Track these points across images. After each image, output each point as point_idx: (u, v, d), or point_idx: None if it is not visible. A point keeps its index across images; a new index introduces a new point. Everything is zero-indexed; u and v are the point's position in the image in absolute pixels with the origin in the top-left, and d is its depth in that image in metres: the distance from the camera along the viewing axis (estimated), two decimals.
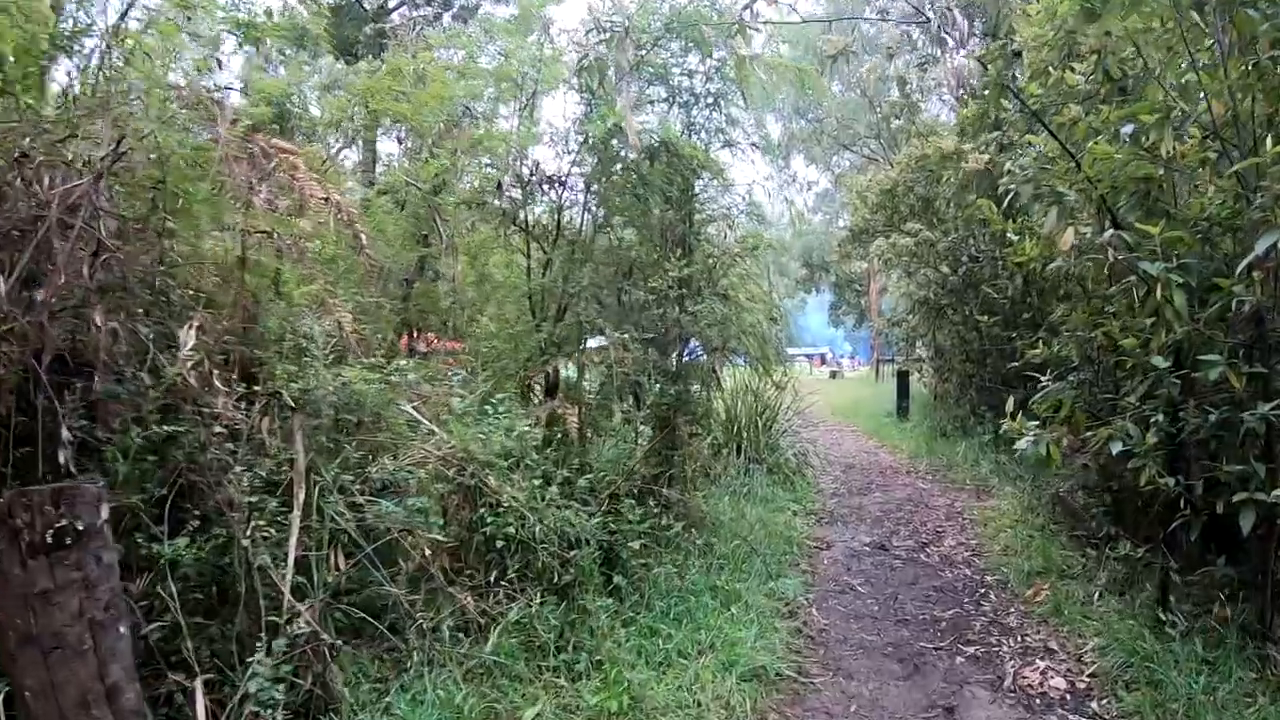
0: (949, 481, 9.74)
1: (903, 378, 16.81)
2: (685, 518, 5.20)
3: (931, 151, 10.87)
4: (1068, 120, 5.04)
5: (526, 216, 6.44)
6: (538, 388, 6.10)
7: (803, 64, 8.00)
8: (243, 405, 3.93)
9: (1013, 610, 5.37)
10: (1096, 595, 5.23)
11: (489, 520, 4.12)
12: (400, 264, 7.06)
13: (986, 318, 8.39)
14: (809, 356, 46.79)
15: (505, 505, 4.13)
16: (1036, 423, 4.39)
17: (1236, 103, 4.17)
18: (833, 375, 39.24)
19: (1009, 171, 6.63)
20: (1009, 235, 6.62)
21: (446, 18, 19.76)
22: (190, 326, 3.80)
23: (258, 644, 3.38)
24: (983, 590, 5.79)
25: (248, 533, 3.63)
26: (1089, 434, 4.37)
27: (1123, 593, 5.16)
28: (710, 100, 6.63)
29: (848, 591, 5.79)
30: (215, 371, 3.91)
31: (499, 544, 4.12)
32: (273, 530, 3.67)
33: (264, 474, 3.80)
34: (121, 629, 2.87)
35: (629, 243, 6.31)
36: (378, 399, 4.37)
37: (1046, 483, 7.63)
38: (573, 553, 4.17)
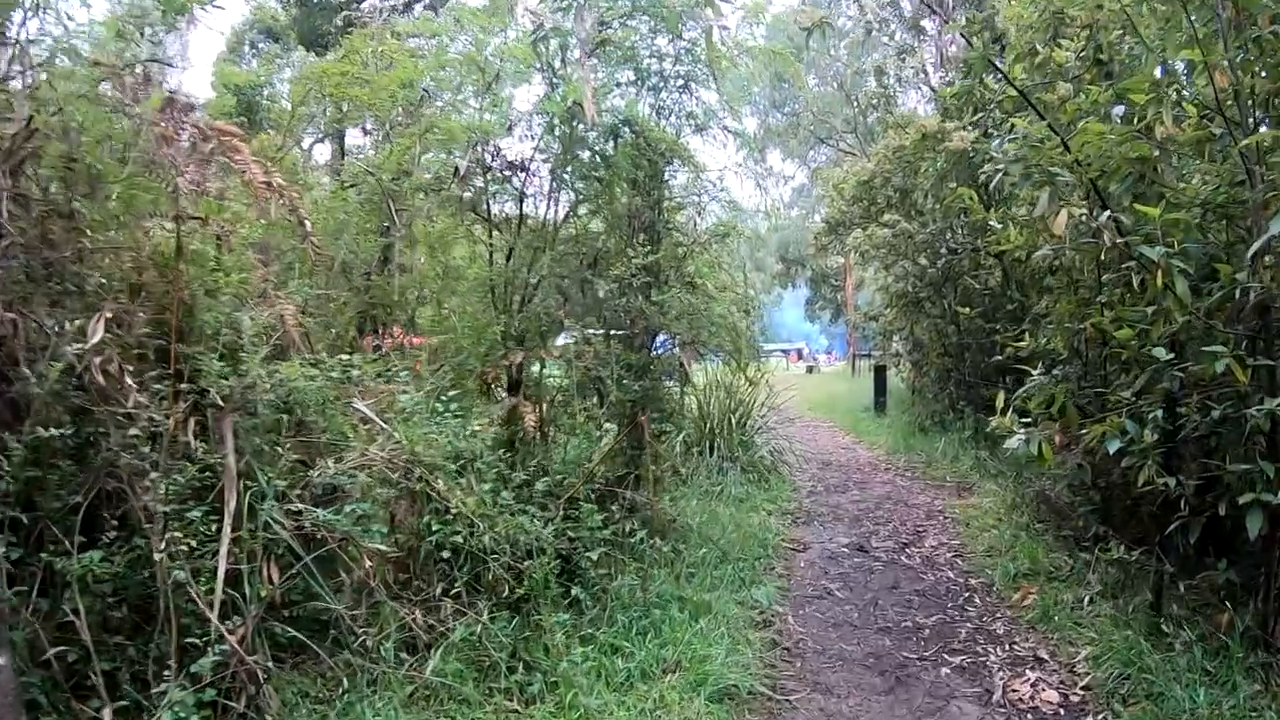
0: (929, 478, 9.48)
1: (880, 372, 16.62)
2: (652, 522, 4.86)
3: (913, 133, 10.58)
4: (1056, 99, 4.77)
5: (488, 204, 6.09)
6: (501, 384, 5.77)
7: (776, 45, 7.69)
8: (164, 405, 3.59)
9: (999, 616, 5.09)
10: (1087, 600, 4.96)
11: (435, 529, 3.77)
12: (364, 255, 6.73)
13: (969, 309, 8.14)
14: (785, 351, 46.92)
15: (453, 512, 3.78)
16: (1027, 419, 4.09)
17: (1240, 78, 3.89)
18: (809, 370, 39.33)
19: (992, 157, 6.38)
20: (991, 224, 6.36)
21: (418, 7, 19.32)
22: (99, 318, 3.43)
23: (183, 666, 3.11)
24: (967, 594, 5.52)
25: (162, 545, 3.28)
26: (1082, 431, 4.08)
27: (1115, 596, 4.90)
28: (680, 83, 6.31)
29: (825, 597, 5.50)
30: (130, 368, 3.55)
31: (445, 555, 3.77)
32: (193, 542, 3.32)
33: (184, 480, 3.45)
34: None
35: (596, 231, 5.98)
36: (318, 397, 4.01)
37: (1029, 480, 7.39)
38: (527, 563, 3.83)
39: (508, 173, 5.96)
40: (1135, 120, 4.22)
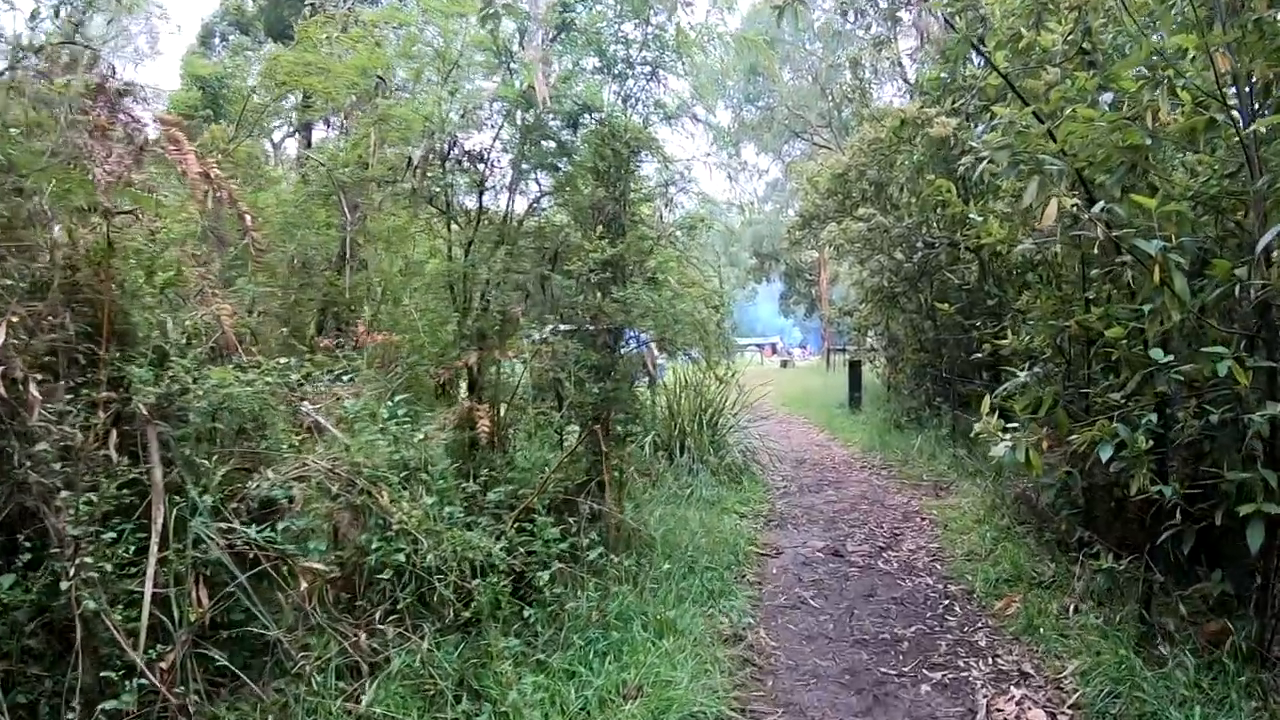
0: (905, 477, 9.27)
1: (854, 368, 16.43)
2: (612, 533, 4.57)
3: (892, 120, 10.34)
4: (1043, 86, 4.51)
5: (447, 197, 5.76)
6: (455, 387, 5.45)
7: (748, 34, 7.42)
8: (84, 415, 3.27)
9: (981, 626, 4.86)
10: (1072, 608, 4.75)
11: (374, 545, 3.46)
12: (325, 252, 6.41)
13: (948, 305, 7.91)
14: (760, 346, 47.10)
15: (396, 526, 3.47)
16: (1015, 424, 3.83)
17: (1240, 63, 3.66)
18: (783, 365, 39.45)
19: (971, 147, 6.14)
20: (971, 217, 6.14)
21: None
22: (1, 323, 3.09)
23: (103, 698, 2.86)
24: (947, 602, 5.28)
25: (72, 570, 2.98)
26: (1071, 436, 3.83)
27: (1101, 604, 4.68)
28: (648, 71, 6.01)
29: (799, 606, 5.24)
30: (39, 376, 3.21)
31: (388, 573, 3.46)
32: (108, 566, 3.01)
33: (101, 498, 3.12)
34: None
35: (560, 225, 5.67)
36: (254, 403, 3.70)
37: (1009, 480, 7.19)
38: (476, 582, 3.52)
39: (466, 164, 5.63)
40: (1125, 107, 3.98)
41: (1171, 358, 3.39)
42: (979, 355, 6.62)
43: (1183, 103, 4.07)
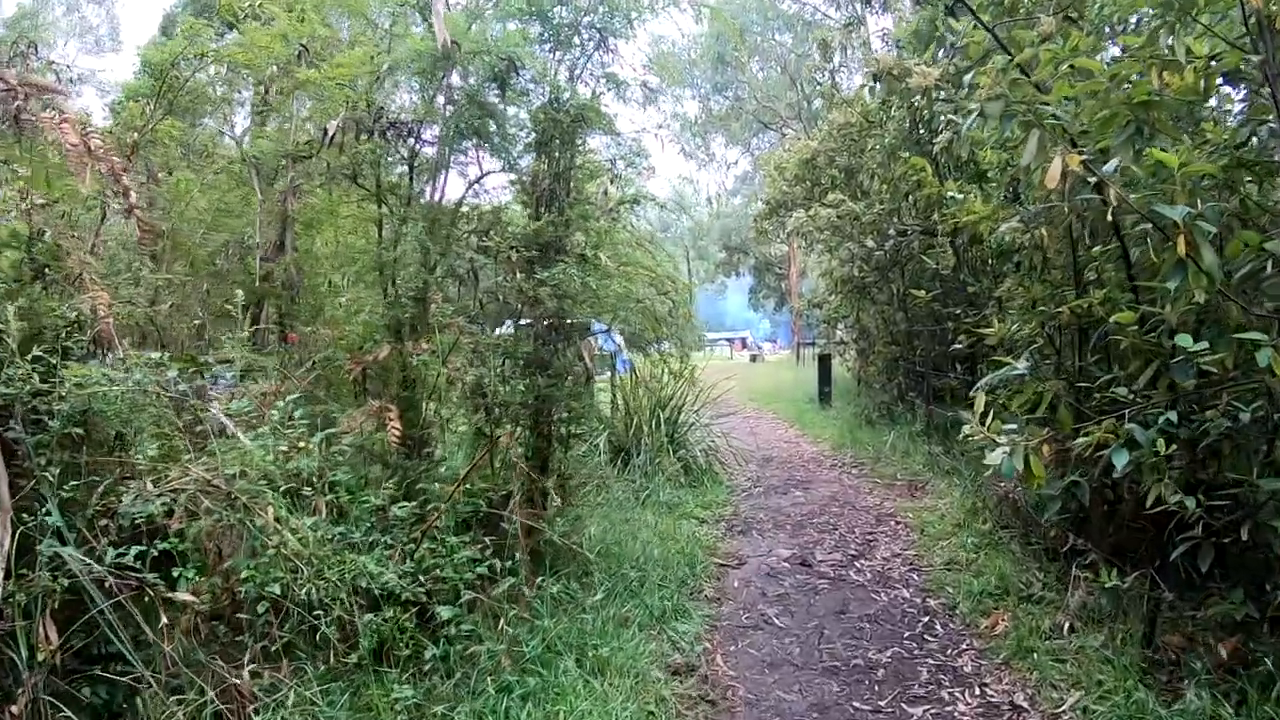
0: (877, 476, 8.73)
1: (824, 361, 15.94)
2: (547, 550, 3.97)
3: (869, 69, 9.79)
4: (1034, 38, 3.97)
5: (377, 175, 5.12)
6: (392, 383, 4.82)
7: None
8: None
9: (966, 648, 4.33)
10: (1067, 627, 4.24)
11: (248, 573, 2.84)
12: (264, 240, 5.82)
13: (924, 292, 7.37)
14: (730, 340, 47.06)
15: (274, 550, 2.85)
16: (1010, 425, 3.26)
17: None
18: (753, 359, 39.31)
19: (949, 120, 5.64)
20: (951, 195, 5.61)
21: None
22: None
23: None
24: (926, 619, 4.75)
25: None
26: (1077, 439, 3.28)
27: (1098, 622, 4.17)
28: (596, 36, 5.41)
29: (762, 627, 4.68)
30: None
31: (264, 606, 2.85)
32: None
33: None
34: None
35: (495, 205, 5.06)
36: (121, 405, 3.10)
37: (989, 481, 6.69)
38: (369, 617, 2.91)
39: (390, 135, 4.99)
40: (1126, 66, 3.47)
41: (1205, 345, 2.84)
42: (958, 347, 6.09)
43: (1195, 56, 3.56)
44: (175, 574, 2.96)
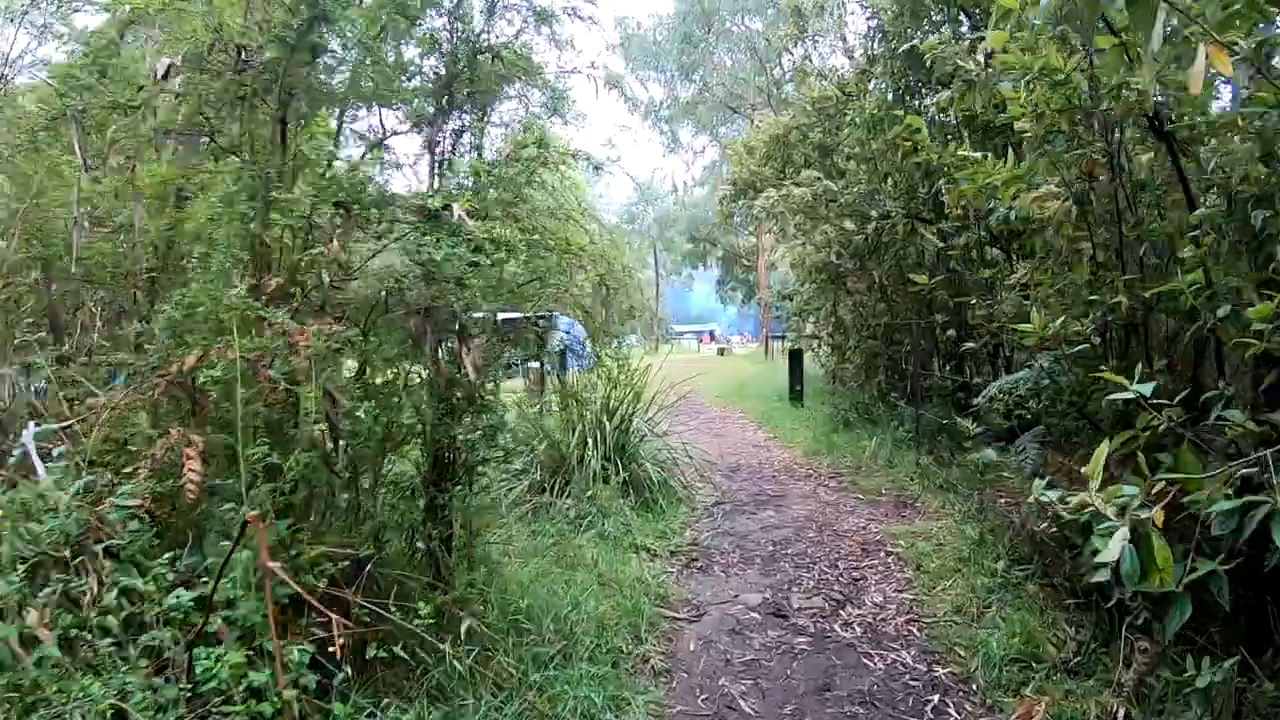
0: (859, 491, 7.62)
1: (795, 357, 14.88)
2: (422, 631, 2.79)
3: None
4: None
5: (241, 127, 3.90)
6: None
7: None
8: None
9: None
10: (1122, 716, 3.17)
11: None
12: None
13: (928, 277, 6.23)
14: (698, 333, 46.68)
15: None
16: (1132, 488, 2.09)
17: None
18: (721, 352, 38.76)
19: (959, 66, 4.65)
20: (964, 155, 4.54)
21: None
22: None
23: None
24: (936, 699, 3.63)
25: None
26: (1196, 497, 2.14)
27: (1161, 709, 3.11)
28: None
29: (724, 714, 3.55)
30: None
31: None
32: None
33: None
34: None
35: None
36: None
37: (996, 500, 5.64)
38: None
39: (238, 72, 3.79)
40: None
41: None
42: (970, 345, 4.98)
43: None
44: None
